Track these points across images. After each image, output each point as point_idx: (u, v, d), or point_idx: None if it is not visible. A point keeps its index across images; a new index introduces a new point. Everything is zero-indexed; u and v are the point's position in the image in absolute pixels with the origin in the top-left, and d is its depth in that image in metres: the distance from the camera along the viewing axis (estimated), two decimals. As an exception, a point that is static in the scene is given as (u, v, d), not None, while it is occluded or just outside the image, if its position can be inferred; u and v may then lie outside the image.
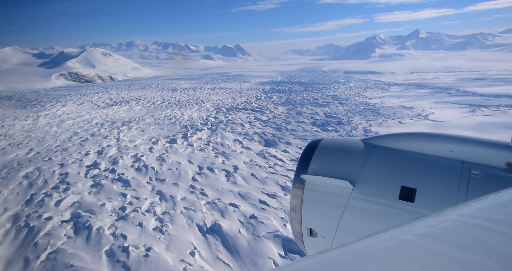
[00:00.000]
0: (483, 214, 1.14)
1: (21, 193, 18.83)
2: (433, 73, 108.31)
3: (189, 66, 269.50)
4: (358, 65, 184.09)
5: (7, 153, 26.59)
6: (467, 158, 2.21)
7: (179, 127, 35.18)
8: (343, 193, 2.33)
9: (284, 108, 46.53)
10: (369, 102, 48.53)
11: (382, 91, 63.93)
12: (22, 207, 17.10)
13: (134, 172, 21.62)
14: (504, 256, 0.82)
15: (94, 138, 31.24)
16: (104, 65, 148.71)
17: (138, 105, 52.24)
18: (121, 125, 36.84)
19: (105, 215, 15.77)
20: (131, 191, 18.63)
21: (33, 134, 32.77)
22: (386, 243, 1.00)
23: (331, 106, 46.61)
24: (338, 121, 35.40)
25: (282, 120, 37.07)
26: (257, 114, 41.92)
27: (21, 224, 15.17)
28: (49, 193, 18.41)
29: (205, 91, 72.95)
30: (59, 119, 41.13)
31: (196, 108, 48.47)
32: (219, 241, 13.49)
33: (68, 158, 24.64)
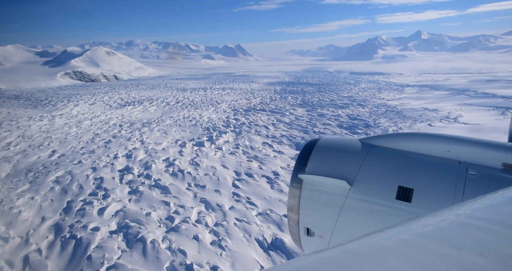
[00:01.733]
0: (480, 214, 1.14)
1: (56, 199, 17.85)
2: (442, 75, 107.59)
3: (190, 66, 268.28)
4: (363, 66, 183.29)
5: (28, 155, 25.56)
6: (464, 158, 2.20)
7: (201, 130, 34.21)
8: (341, 192, 2.32)
9: (303, 109, 45.59)
10: (389, 104, 47.62)
11: (396, 92, 63.07)
12: (62, 215, 16.13)
13: (170, 178, 20.64)
14: (500, 256, 0.83)
15: (117, 139, 30.23)
16: (108, 64, 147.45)
17: (152, 106, 51.20)
18: (141, 126, 35.83)
19: (153, 225, 14.79)
20: (172, 198, 17.67)
21: (53, 135, 31.72)
22: (382, 243, 1.00)
23: (351, 108, 45.71)
24: (365, 123, 34.46)
25: (307, 123, 36.11)
26: (277, 116, 40.98)
27: (65, 235, 14.19)
28: (88, 200, 17.42)
29: (215, 91, 71.93)
30: (76, 119, 40.08)
31: (212, 109, 47.48)
32: (285, 259, 12.52)
33: (98, 161, 23.64)
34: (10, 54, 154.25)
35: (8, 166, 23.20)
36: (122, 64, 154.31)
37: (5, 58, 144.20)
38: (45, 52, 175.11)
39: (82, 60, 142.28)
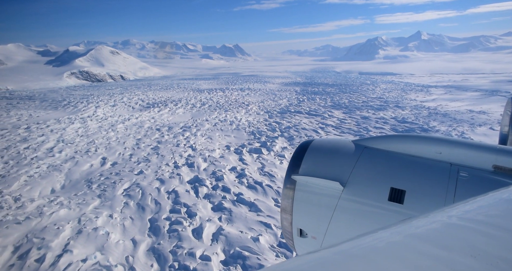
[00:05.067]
0: (471, 215, 1.16)
1: (136, 217, 15.78)
2: (455, 75, 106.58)
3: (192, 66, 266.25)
4: (369, 66, 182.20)
5: (79, 163, 23.36)
6: (456, 160, 2.22)
7: (245, 134, 32.21)
8: (334, 193, 2.33)
9: (340, 112, 43.74)
10: (426, 106, 46.00)
11: (423, 93, 61.57)
12: (152, 238, 14.08)
13: (250, 191, 18.64)
14: (490, 257, 0.84)
15: (164, 145, 28.11)
16: (113, 64, 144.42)
17: (179, 108, 49.00)
18: (181, 131, 33.71)
19: (270, 255, 12.75)
20: (268, 218, 15.66)
21: (95, 140, 29.46)
22: (375, 244, 1.00)
23: (389, 110, 43.97)
24: (419, 127, 32.69)
25: (357, 127, 34.25)
26: (317, 119, 39.13)
27: (173, 264, 12.12)
28: (174, 219, 15.37)
29: (235, 92, 69.83)
30: (107, 122, 37.80)
31: (243, 111, 45.42)
32: None
33: (159, 171, 21.54)
34: (12, 53, 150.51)
35: (61, 176, 21.02)
36: (126, 64, 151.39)
37: (6, 58, 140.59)
38: (47, 51, 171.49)
39: (86, 60, 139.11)
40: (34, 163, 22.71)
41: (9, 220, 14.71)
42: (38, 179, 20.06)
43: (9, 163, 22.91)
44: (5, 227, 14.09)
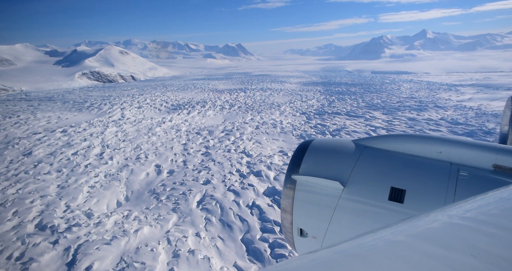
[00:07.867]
0: (471, 215, 1.16)
1: (226, 237, 14.02)
2: (474, 74, 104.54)
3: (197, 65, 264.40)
4: (379, 65, 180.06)
5: (135, 172, 21.54)
6: (456, 159, 2.17)
7: (294, 138, 30.40)
8: (334, 193, 2.28)
9: (379, 112, 41.86)
10: (468, 105, 44.13)
11: (454, 92, 59.69)
12: (257, 264, 12.27)
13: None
14: (490, 256, 0.84)
15: (213, 150, 26.31)
16: (122, 64, 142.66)
17: (208, 110, 47.15)
18: (224, 135, 31.90)
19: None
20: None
21: (141, 145, 27.60)
22: (375, 244, 1.01)
23: (430, 110, 42.12)
24: (480, 130, 30.75)
25: (410, 129, 32.39)
26: (361, 120, 37.30)
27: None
28: (273, 241, 13.55)
29: (257, 92, 67.95)
30: (143, 125, 35.97)
31: (277, 113, 43.59)
32: None
33: (227, 181, 19.72)
34: (20, 53, 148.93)
35: (121, 186, 19.20)
36: (136, 64, 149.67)
37: (15, 58, 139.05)
38: (55, 52, 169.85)
39: (96, 60, 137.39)
40: (91, 171, 20.91)
41: (95, 239, 12.93)
42: (101, 190, 18.26)
43: (63, 171, 21.11)
44: (95, 248, 12.29)
